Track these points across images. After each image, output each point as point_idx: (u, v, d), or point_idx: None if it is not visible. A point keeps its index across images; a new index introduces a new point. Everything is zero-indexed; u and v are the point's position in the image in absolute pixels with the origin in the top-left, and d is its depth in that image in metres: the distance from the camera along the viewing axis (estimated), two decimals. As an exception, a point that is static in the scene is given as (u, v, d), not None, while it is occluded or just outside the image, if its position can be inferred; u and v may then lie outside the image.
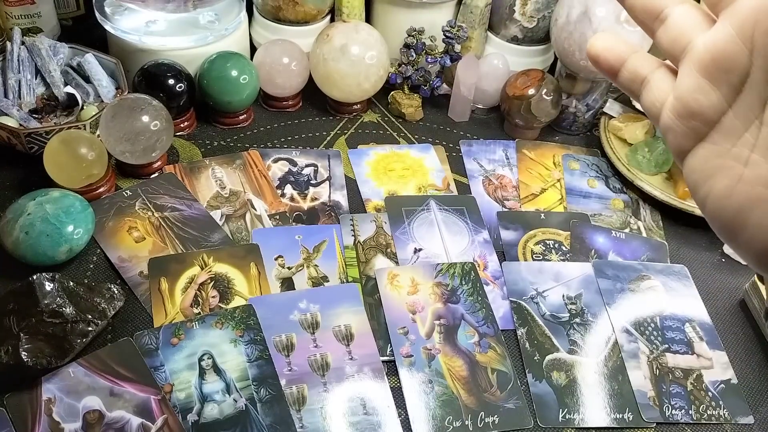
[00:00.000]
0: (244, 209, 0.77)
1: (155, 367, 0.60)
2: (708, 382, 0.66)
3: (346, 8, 0.93)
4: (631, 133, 0.88)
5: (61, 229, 0.65)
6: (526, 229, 0.79)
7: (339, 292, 0.69)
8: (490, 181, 0.85)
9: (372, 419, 0.60)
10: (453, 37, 0.90)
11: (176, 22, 0.87)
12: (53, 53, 0.83)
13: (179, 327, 0.63)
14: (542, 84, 0.87)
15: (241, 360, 0.62)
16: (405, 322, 0.67)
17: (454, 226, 0.78)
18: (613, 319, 0.70)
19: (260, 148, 0.85)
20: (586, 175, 0.87)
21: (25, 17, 0.88)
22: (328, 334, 0.65)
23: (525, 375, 0.65)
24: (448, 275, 0.72)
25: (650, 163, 0.85)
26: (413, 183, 0.83)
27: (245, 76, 0.84)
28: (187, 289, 0.68)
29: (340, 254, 0.73)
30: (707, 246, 0.81)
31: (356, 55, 0.85)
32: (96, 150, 0.72)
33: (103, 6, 0.86)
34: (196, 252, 0.71)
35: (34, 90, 0.82)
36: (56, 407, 0.57)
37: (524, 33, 0.95)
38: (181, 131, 0.86)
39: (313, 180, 0.82)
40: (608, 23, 0.80)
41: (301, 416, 0.59)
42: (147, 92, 0.78)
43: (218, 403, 0.59)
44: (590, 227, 0.80)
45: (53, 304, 0.59)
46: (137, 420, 0.57)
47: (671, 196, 0.82)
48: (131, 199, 0.76)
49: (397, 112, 0.93)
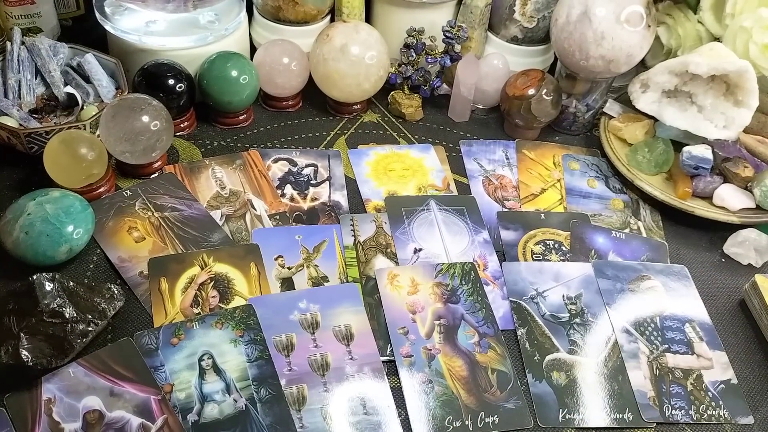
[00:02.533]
0: (244, 209, 0.77)
1: (155, 367, 0.60)
2: (708, 382, 0.66)
3: (346, 8, 0.93)
4: (631, 133, 0.88)
5: (61, 229, 0.65)
6: (526, 230, 0.79)
7: (339, 292, 0.69)
8: (490, 181, 0.85)
9: (372, 419, 0.60)
10: (453, 37, 0.90)
11: (176, 22, 0.87)
12: (53, 53, 0.83)
13: (179, 327, 0.63)
14: (542, 84, 0.87)
15: (241, 360, 0.62)
16: (405, 322, 0.67)
17: (454, 226, 0.78)
18: (613, 319, 0.70)
19: (260, 148, 0.85)
20: (586, 176, 0.87)
21: (25, 17, 0.88)
22: (328, 334, 0.65)
23: (525, 375, 0.65)
24: (448, 275, 0.72)
25: (650, 164, 0.85)
26: (413, 183, 0.83)
27: (245, 76, 0.84)
28: (187, 289, 0.68)
29: (340, 254, 0.73)
30: (707, 246, 0.81)
31: (356, 55, 0.85)
32: (96, 150, 0.72)
33: (103, 6, 0.86)
34: (196, 252, 0.71)
35: (34, 90, 0.82)
36: (56, 407, 0.57)
37: (524, 33, 0.95)
38: (181, 131, 0.86)
39: (313, 180, 0.82)
40: (608, 23, 0.80)
41: (301, 416, 0.59)
42: (147, 92, 0.78)
43: (218, 403, 0.59)
44: (590, 227, 0.80)
45: (53, 304, 0.59)
46: (137, 420, 0.57)
47: (671, 197, 0.82)
48: (131, 199, 0.76)
49: (397, 112, 0.93)
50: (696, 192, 0.81)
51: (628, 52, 0.82)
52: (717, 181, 0.81)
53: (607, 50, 0.81)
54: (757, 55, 0.80)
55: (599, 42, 0.81)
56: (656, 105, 0.85)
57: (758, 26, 0.79)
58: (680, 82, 0.84)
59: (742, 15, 0.81)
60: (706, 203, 0.81)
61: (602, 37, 0.81)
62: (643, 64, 0.89)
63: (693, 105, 0.84)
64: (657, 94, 0.85)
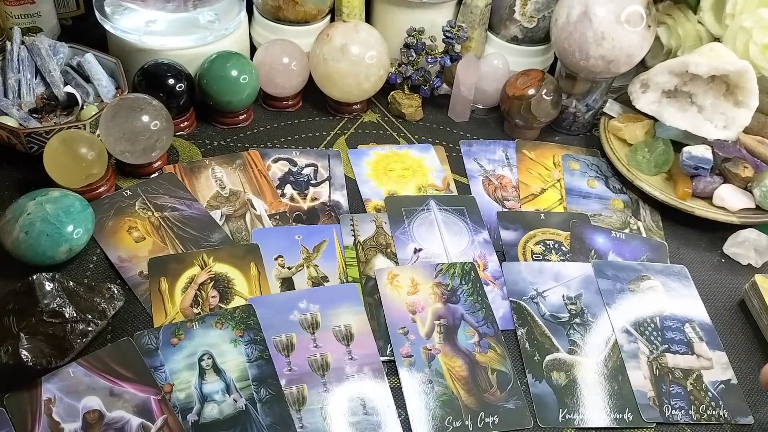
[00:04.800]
0: (244, 209, 0.77)
1: (155, 367, 0.60)
2: (708, 382, 0.66)
3: (346, 8, 0.93)
4: (631, 133, 0.88)
5: (61, 229, 0.65)
6: (526, 230, 0.79)
7: (339, 292, 0.69)
8: (490, 181, 0.85)
9: (372, 419, 0.60)
10: (453, 37, 0.90)
11: (176, 21, 0.87)
12: (53, 53, 0.83)
13: (179, 327, 0.63)
14: (542, 84, 0.87)
15: (241, 360, 0.62)
16: (405, 322, 0.67)
17: (454, 226, 0.78)
18: (612, 319, 0.70)
19: (260, 148, 0.85)
20: (586, 176, 0.87)
21: (25, 17, 0.88)
22: (328, 334, 0.65)
23: (525, 375, 0.65)
24: (448, 275, 0.72)
25: (650, 164, 0.85)
26: (413, 183, 0.83)
27: (245, 76, 0.84)
28: (187, 289, 0.68)
29: (340, 254, 0.73)
30: (707, 246, 0.81)
31: (356, 55, 0.85)
32: (96, 150, 0.72)
33: (103, 6, 0.86)
34: (196, 252, 0.71)
35: (34, 90, 0.82)
36: (56, 407, 0.57)
37: (524, 33, 0.95)
38: (181, 131, 0.86)
39: (313, 180, 0.82)
40: (608, 23, 0.80)
41: (301, 416, 0.59)
42: (147, 92, 0.78)
43: (218, 403, 0.59)
44: (590, 227, 0.80)
45: (53, 304, 0.59)
46: (137, 420, 0.57)
47: (671, 197, 0.82)
48: (131, 198, 0.76)
49: (397, 112, 0.93)
50: (696, 192, 0.81)
51: (628, 52, 0.82)
52: (717, 182, 0.81)
53: (607, 50, 0.81)
54: (757, 55, 0.80)
55: (599, 42, 0.81)
56: (656, 105, 0.85)
57: (758, 26, 0.79)
58: (680, 83, 0.84)
59: (742, 15, 0.81)
60: (706, 203, 0.81)
61: (602, 37, 0.81)
62: (643, 65, 0.89)
63: (693, 105, 0.84)
64: (657, 94, 0.85)
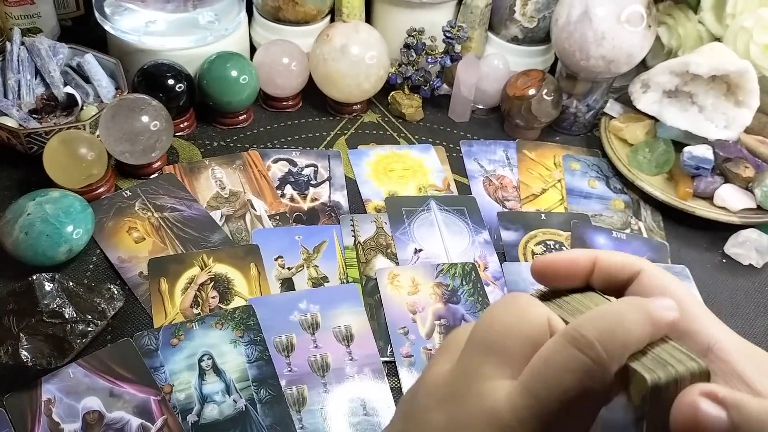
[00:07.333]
0: (244, 210, 0.77)
1: (155, 367, 0.60)
2: (709, 382, 0.66)
3: (346, 8, 0.93)
4: (632, 133, 0.87)
5: (61, 230, 0.65)
6: (527, 230, 0.79)
7: (339, 292, 0.69)
8: (490, 181, 0.85)
9: (372, 420, 0.60)
10: (453, 38, 0.90)
11: (176, 22, 0.86)
12: (53, 53, 0.82)
13: (179, 327, 0.63)
14: (543, 84, 0.87)
15: (241, 360, 0.62)
16: (405, 323, 0.67)
17: (454, 227, 0.78)
18: (613, 319, 0.70)
19: (260, 149, 0.85)
20: (587, 176, 0.87)
21: (24, 17, 0.88)
22: (328, 335, 0.65)
23: (525, 376, 0.65)
24: (448, 275, 0.72)
25: (651, 164, 0.84)
26: (413, 183, 0.83)
27: (245, 77, 0.84)
28: (186, 290, 0.68)
29: (340, 255, 0.73)
30: (708, 247, 0.81)
31: (356, 55, 0.85)
32: (96, 150, 0.72)
33: (102, 6, 0.86)
34: (196, 252, 0.71)
35: (34, 90, 0.82)
36: (56, 408, 0.57)
37: (524, 33, 0.94)
38: (181, 131, 0.86)
39: (313, 180, 0.82)
40: (609, 23, 0.80)
41: (301, 417, 0.59)
42: (147, 92, 0.78)
43: (218, 404, 0.59)
44: (591, 228, 0.80)
45: (53, 305, 0.59)
46: (137, 421, 0.57)
47: (672, 197, 0.81)
48: (131, 199, 0.76)
49: (397, 112, 0.93)
50: (697, 192, 0.81)
51: (629, 53, 0.82)
52: (718, 182, 0.81)
53: (607, 50, 0.81)
54: (757, 55, 0.80)
55: (600, 42, 0.81)
56: (657, 105, 0.85)
57: (759, 26, 0.79)
58: (681, 83, 0.84)
59: (743, 15, 0.81)
60: (707, 203, 0.81)
61: (603, 37, 0.80)
62: (643, 65, 0.88)
63: (694, 105, 0.84)
64: (658, 94, 0.85)
